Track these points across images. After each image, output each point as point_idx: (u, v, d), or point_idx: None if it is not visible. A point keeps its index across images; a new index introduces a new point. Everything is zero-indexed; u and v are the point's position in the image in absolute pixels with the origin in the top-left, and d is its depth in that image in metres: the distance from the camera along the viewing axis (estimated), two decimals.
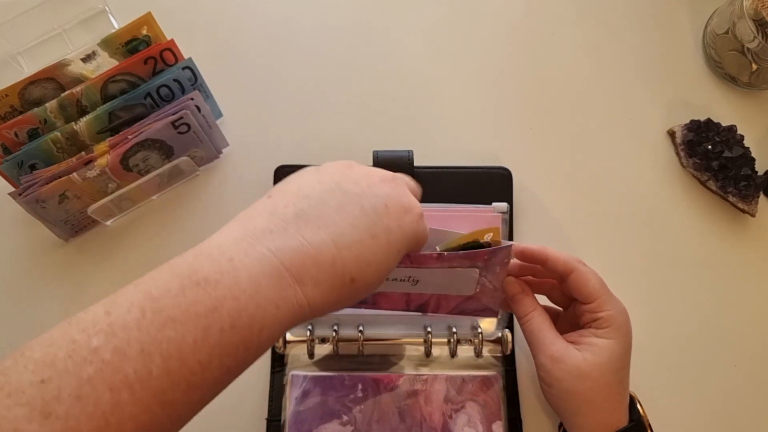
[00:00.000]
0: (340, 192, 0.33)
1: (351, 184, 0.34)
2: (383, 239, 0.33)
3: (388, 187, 0.35)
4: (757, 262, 0.57)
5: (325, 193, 0.33)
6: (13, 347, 0.55)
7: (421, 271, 0.44)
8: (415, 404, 0.49)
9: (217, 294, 0.27)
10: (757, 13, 0.54)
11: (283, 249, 0.30)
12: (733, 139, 0.57)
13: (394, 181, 0.36)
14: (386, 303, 0.49)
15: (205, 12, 0.63)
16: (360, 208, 0.33)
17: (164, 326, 0.26)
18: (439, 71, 0.61)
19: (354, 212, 0.32)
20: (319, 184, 0.33)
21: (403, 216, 0.34)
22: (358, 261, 0.32)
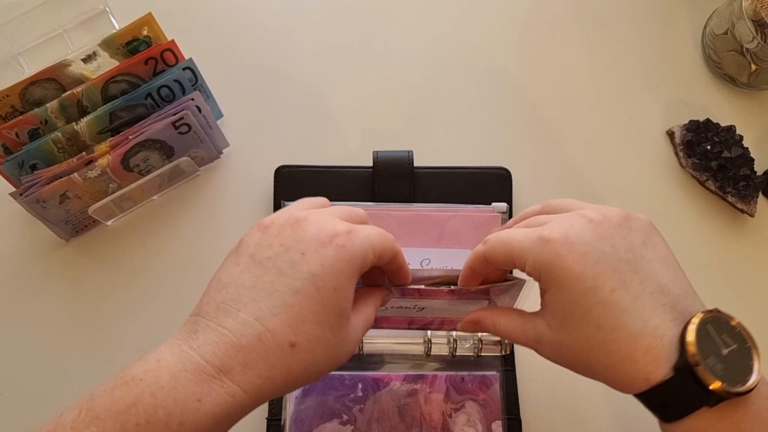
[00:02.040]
0: (254, 265, 0.32)
1: (264, 250, 0.33)
2: (310, 288, 0.31)
3: (301, 231, 0.33)
4: (756, 262, 0.57)
5: (242, 273, 0.32)
6: (14, 347, 0.55)
7: (428, 301, 0.42)
8: (414, 403, 0.50)
9: (137, 391, 0.29)
10: (756, 14, 0.54)
11: (204, 344, 0.30)
12: (732, 139, 0.57)
13: (306, 220, 0.33)
14: (387, 324, 0.47)
15: (205, 12, 0.63)
16: (276, 270, 0.32)
17: (90, 423, 0.28)
18: (439, 72, 0.62)
19: (271, 278, 0.32)
20: (236, 267, 0.33)
21: (323, 251, 0.32)
22: (290, 324, 0.31)
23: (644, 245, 0.33)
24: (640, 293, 0.31)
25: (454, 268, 0.41)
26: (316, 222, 0.33)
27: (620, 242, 0.32)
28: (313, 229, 0.33)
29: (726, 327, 0.31)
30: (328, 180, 0.56)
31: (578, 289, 0.32)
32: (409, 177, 0.55)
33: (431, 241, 0.53)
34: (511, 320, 0.37)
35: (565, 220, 0.34)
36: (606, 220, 0.33)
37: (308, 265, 0.32)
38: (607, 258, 0.32)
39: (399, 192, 0.55)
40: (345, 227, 0.33)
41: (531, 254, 0.33)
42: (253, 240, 0.34)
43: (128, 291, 0.55)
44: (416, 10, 0.63)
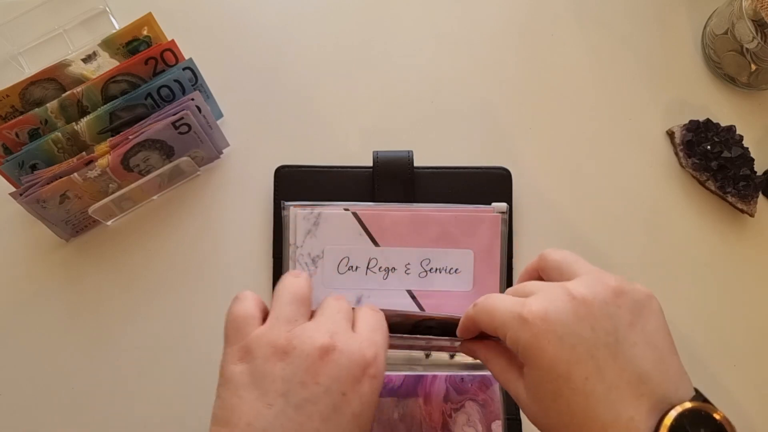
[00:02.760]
0: (291, 410, 0.31)
1: (299, 389, 0.31)
2: (354, 429, 0.31)
3: (335, 367, 0.32)
4: (756, 262, 0.57)
5: (278, 419, 0.31)
6: (14, 347, 0.55)
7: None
8: (414, 404, 0.50)
9: None
10: (756, 14, 0.54)
11: None
12: (732, 139, 0.57)
13: (335, 350, 0.32)
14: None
15: (205, 12, 0.63)
16: (319, 416, 0.31)
17: None
18: (439, 72, 0.62)
19: (315, 426, 0.31)
20: (268, 409, 0.31)
21: (360, 388, 0.32)
22: None
23: (630, 326, 0.31)
24: (617, 383, 0.30)
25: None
26: (345, 352, 0.32)
27: (603, 324, 0.31)
28: (345, 362, 0.32)
29: (706, 421, 0.29)
30: (328, 180, 0.56)
31: (552, 373, 0.31)
32: (409, 177, 0.55)
33: (431, 241, 0.53)
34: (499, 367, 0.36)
35: (549, 294, 0.32)
36: (592, 298, 0.32)
37: (351, 407, 0.31)
38: (584, 342, 0.30)
39: (399, 192, 0.55)
40: (372, 352, 0.33)
41: (510, 330, 0.32)
42: (278, 372, 0.31)
43: (128, 291, 0.55)
44: (416, 11, 0.63)
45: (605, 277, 0.33)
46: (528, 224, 0.57)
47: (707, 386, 0.54)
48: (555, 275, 0.36)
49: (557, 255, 0.36)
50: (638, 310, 0.32)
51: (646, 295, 0.34)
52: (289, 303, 0.34)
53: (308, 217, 0.53)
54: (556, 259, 0.36)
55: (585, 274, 0.34)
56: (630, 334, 0.31)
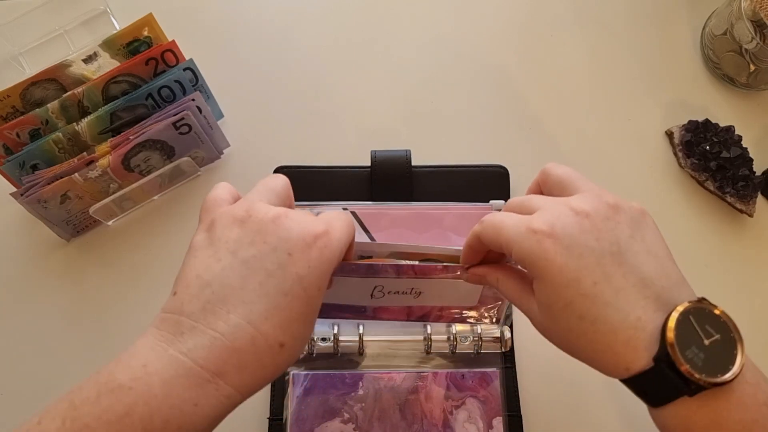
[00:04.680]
0: (238, 264, 0.32)
1: (247, 247, 0.32)
2: (298, 290, 0.32)
3: (284, 230, 0.33)
4: (754, 262, 0.57)
5: (225, 271, 0.32)
6: (14, 347, 0.55)
7: (424, 282, 0.43)
8: (415, 401, 0.50)
9: (128, 400, 0.28)
10: (755, 14, 0.55)
11: (195, 348, 0.30)
12: (731, 139, 0.57)
13: (287, 217, 0.33)
14: (387, 315, 0.48)
15: (206, 13, 0.63)
16: (264, 271, 0.32)
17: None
18: (437, 71, 0.62)
19: (259, 279, 0.32)
20: (217, 263, 0.32)
21: (309, 253, 0.32)
22: (280, 326, 0.31)
23: (631, 237, 0.33)
24: (623, 286, 0.31)
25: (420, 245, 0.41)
26: (297, 221, 0.33)
27: (606, 236, 0.32)
28: (296, 228, 0.33)
29: (709, 317, 0.31)
30: (326, 180, 0.56)
31: (561, 280, 0.32)
32: (407, 176, 0.55)
33: (430, 240, 0.53)
34: (511, 285, 0.37)
35: (554, 210, 0.33)
36: (594, 213, 0.33)
37: (296, 267, 0.32)
38: (590, 252, 0.32)
39: (397, 191, 0.55)
40: (323, 226, 0.33)
41: (517, 244, 0.33)
42: (232, 235, 0.33)
43: (129, 291, 0.55)
44: (415, 11, 0.64)
45: (604, 194, 0.35)
46: None
47: None
48: (557, 191, 0.37)
49: (559, 170, 0.38)
50: (636, 224, 0.34)
51: (640, 211, 0.35)
52: (257, 191, 0.36)
53: None
54: (558, 174, 0.37)
55: (585, 191, 0.35)
56: (632, 244, 0.33)
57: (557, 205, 0.34)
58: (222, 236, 0.33)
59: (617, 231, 0.33)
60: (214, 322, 0.31)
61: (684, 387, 0.30)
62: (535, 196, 0.37)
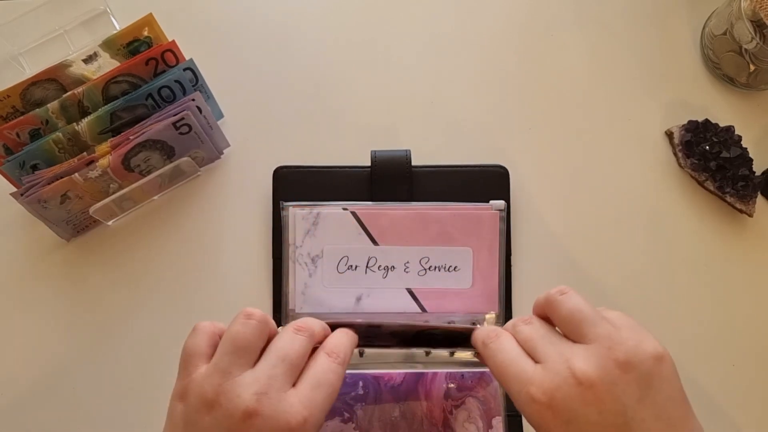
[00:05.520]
0: None
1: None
2: None
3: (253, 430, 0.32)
4: (754, 262, 0.57)
5: None
6: (14, 347, 0.55)
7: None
8: (415, 401, 0.50)
9: None
10: (755, 14, 0.55)
11: None
12: (730, 139, 0.57)
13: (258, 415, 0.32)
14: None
15: (206, 13, 0.63)
16: None
17: None
18: (437, 71, 0.62)
19: None
20: None
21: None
22: None
23: (640, 402, 0.31)
24: None
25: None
26: (269, 419, 0.32)
27: (610, 407, 0.30)
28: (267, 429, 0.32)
29: None
30: (326, 180, 0.56)
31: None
32: (407, 176, 0.55)
33: (430, 240, 0.53)
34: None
35: (555, 376, 0.32)
36: (600, 381, 0.31)
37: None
38: (591, 426, 0.30)
39: (397, 191, 0.55)
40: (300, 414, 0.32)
41: (518, 402, 0.33)
42: (204, 425, 0.33)
43: (129, 291, 0.55)
44: (415, 11, 0.64)
45: (615, 348, 0.32)
46: (525, 223, 0.57)
47: (706, 386, 0.54)
48: (562, 328, 0.35)
49: (570, 305, 0.35)
50: (647, 382, 0.31)
51: (656, 359, 0.33)
52: (228, 353, 0.34)
53: (307, 217, 0.53)
54: (569, 310, 0.35)
55: (593, 343, 0.33)
56: (639, 411, 0.31)
57: (560, 366, 0.32)
58: (196, 423, 0.33)
59: (624, 398, 0.31)
60: None
61: None
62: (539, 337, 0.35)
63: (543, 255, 0.56)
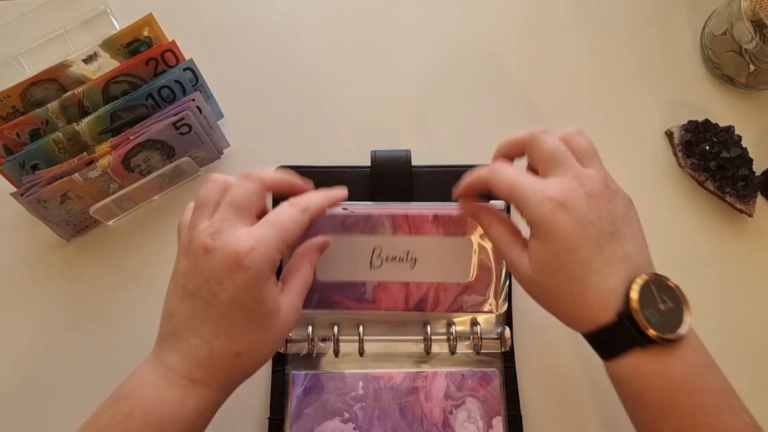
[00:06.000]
0: (188, 297, 0.39)
1: (190, 281, 0.39)
2: (235, 309, 0.38)
3: (211, 261, 0.38)
4: (754, 262, 0.57)
5: (181, 303, 0.39)
6: (14, 347, 0.55)
7: (418, 243, 0.49)
8: (415, 401, 0.50)
9: (130, 403, 0.37)
10: (755, 15, 0.55)
11: (172, 363, 0.38)
12: (730, 139, 0.57)
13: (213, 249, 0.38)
14: (386, 299, 0.50)
15: (206, 13, 0.63)
16: (204, 301, 0.38)
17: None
18: (437, 72, 0.62)
19: (202, 308, 0.38)
20: (176, 297, 0.39)
21: (234, 277, 0.37)
22: (231, 340, 0.38)
23: (623, 221, 0.39)
24: (610, 259, 0.37)
25: None
26: (223, 246, 0.38)
27: (605, 216, 0.38)
28: (220, 257, 0.38)
29: (665, 288, 0.38)
30: (326, 180, 0.56)
31: (563, 245, 0.38)
32: (407, 176, 0.55)
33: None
34: (503, 233, 0.43)
35: (567, 183, 0.39)
36: (599, 195, 0.39)
37: (226, 292, 0.37)
38: (591, 226, 0.38)
39: (397, 191, 0.55)
40: (249, 243, 0.38)
41: (532, 205, 0.38)
42: (181, 269, 0.39)
43: (129, 291, 0.55)
44: (416, 11, 0.64)
45: (608, 180, 0.40)
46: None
47: None
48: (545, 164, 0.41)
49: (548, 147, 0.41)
50: (627, 210, 0.40)
51: (630, 201, 0.41)
52: (195, 209, 0.41)
53: None
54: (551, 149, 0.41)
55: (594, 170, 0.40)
56: (622, 226, 0.39)
57: (569, 180, 0.39)
58: (177, 269, 0.40)
59: (613, 214, 0.39)
60: (180, 343, 0.38)
61: (639, 339, 0.36)
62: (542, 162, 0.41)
63: None
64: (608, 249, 0.38)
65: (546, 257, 0.38)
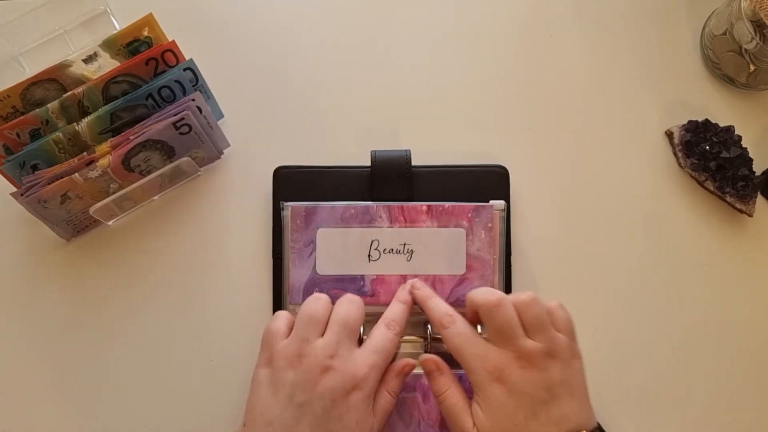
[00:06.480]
0: (294, 407, 0.41)
1: (301, 394, 0.41)
2: (340, 428, 0.41)
3: (330, 381, 0.42)
4: (754, 262, 0.57)
5: (283, 413, 0.41)
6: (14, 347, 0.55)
7: (413, 235, 0.52)
8: (413, 401, 0.50)
9: None
10: (755, 15, 0.55)
11: None
12: (730, 139, 0.57)
13: (334, 370, 0.42)
14: (385, 292, 0.51)
15: (206, 13, 0.63)
16: (313, 414, 0.41)
17: None
18: (437, 72, 0.62)
19: (308, 419, 0.41)
20: (276, 404, 0.42)
21: (348, 399, 0.42)
22: None
23: (561, 384, 0.42)
24: (547, 422, 0.41)
25: None
26: (341, 372, 0.42)
27: (539, 384, 0.42)
28: (340, 379, 0.42)
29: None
30: (326, 180, 0.56)
31: (502, 413, 0.42)
32: (407, 176, 0.55)
33: None
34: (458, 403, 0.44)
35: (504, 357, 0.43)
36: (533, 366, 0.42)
37: (338, 410, 0.41)
38: (525, 396, 0.42)
39: (397, 191, 0.55)
40: (363, 371, 0.43)
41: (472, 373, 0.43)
42: (288, 378, 0.42)
43: (129, 291, 0.56)
44: (416, 11, 0.64)
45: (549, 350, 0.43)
46: (525, 223, 0.57)
47: (705, 386, 0.54)
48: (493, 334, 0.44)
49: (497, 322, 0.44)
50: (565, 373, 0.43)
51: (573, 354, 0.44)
52: (305, 324, 0.44)
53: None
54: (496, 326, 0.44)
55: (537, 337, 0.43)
56: (559, 389, 0.42)
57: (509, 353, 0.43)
58: (280, 378, 0.42)
59: (549, 380, 0.42)
60: None
61: None
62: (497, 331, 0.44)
63: (543, 255, 0.56)
64: (543, 414, 0.41)
65: (491, 425, 0.42)
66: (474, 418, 0.43)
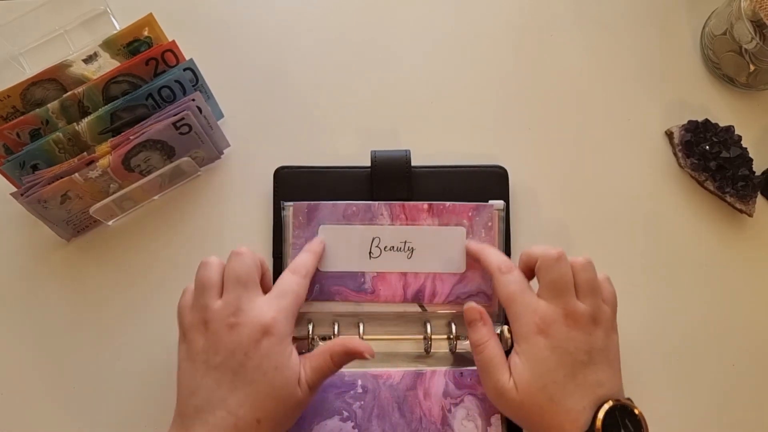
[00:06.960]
0: (212, 370, 0.42)
1: (214, 356, 0.42)
2: (259, 376, 0.41)
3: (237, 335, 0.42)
4: (754, 262, 0.57)
5: (204, 378, 0.42)
6: (14, 347, 0.55)
7: (414, 233, 0.52)
8: (414, 399, 0.50)
9: None
10: (755, 15, 0.55)
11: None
12: (730, 139, 0.57)
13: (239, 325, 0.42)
14: (385, 290, 0.52)
15: (206, 13, 0.63)
16: (231, 371, 0.41)
17: None
18: (437, 72, 0.62)
19: (228, 378, 0.41)
20: (196, 373, 0.42)
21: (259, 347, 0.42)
22: (252, 408, 0.41)
23: (600, 351, 0.44)
24: (583, 384, 0.42)
25: None
26: (247, 323, 0.42)
27: (582, 346, 0.43)
28: (247, 330, 0.42)
29: (630, 415, 0.42)
30: (326, 180, 0.56)
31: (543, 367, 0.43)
32: (407, 176, 0.55)
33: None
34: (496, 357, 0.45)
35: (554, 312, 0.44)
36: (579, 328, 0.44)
37: (252, 361, 0.41)
38: (567, 355, 0.43)
39: (397, 191, 0.55)
40: (269, 315, 0.43)
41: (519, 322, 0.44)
42: (199, 347, 0.43)
43: (129, 291, 0.56)
44: (415, 11, 0.64)
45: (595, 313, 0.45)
46: (525, 223, 0.57)
47: (705, 385, 0.54)
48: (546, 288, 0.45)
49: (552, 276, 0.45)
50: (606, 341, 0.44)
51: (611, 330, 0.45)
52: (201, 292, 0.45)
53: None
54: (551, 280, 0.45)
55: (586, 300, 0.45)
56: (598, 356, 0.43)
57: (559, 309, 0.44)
58: (193, 347, 0.43)
59: (591, 344, 0.43)
60: (206, 416, 0.41)
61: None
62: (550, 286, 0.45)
63: None
64: (581, 375, 0.42)
65: (530, 378, 0.43)
66: (512, 369, 0.44)
